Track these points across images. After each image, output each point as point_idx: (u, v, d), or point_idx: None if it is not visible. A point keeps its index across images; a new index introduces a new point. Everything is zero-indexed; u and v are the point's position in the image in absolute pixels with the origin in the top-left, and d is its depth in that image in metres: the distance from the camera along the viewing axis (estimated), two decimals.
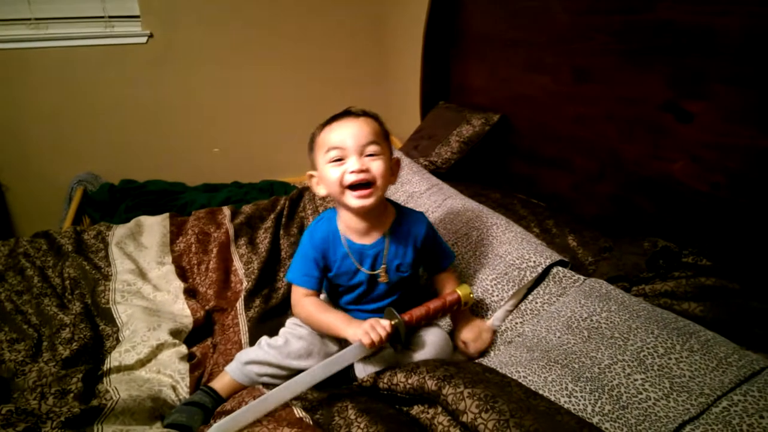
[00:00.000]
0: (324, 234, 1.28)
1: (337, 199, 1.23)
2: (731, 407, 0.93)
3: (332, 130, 1.22)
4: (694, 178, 1.49)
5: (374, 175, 1.18)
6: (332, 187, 1.20)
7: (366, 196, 1.18)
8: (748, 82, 1.33)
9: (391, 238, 1.29)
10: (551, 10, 1.96)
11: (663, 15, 1.52)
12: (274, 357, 1.25)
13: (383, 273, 1.28)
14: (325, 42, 3.41)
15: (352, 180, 1.17)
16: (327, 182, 1.21)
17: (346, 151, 1.18)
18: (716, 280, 1.32)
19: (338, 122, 1.23)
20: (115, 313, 1.52)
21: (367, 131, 1.20)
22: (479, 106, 2.44)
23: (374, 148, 1.20)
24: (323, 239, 1.28)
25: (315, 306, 1.26)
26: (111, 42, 2.94)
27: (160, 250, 1.85)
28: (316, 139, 1.26)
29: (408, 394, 1.13)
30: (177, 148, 3.26)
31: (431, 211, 1.78)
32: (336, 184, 1.19)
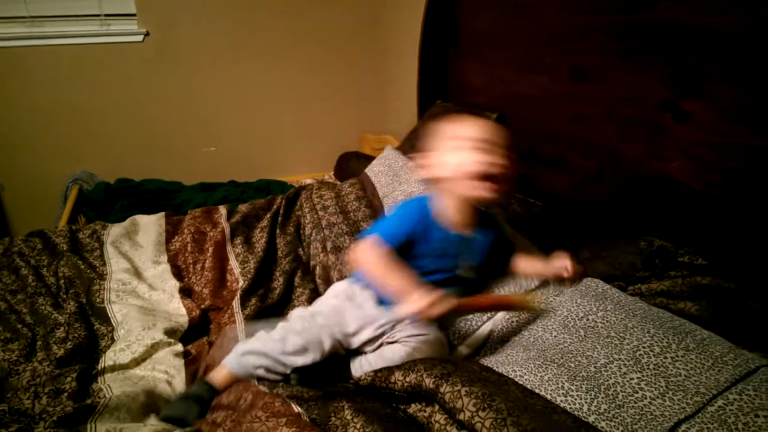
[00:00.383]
0: (425, 213, 1.30)
1: (449, 185, 1.26)
2: (727, 406, 0.93)
3: (469, 123, 1.26)
4: (691, 177, 1.49)
5: (501, 173, 1.22)
6: (450, 172, 1.24)
7: (490, 190, 1.22)
8: (745, 81, 1.33)
9: (477, 234, 1.34)
10: (549, 9, 1.96)
11: (662, 15, 1.51)
12: (271, 349, 1.24)
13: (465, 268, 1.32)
14: (321, 41, 3.40)
15: (478, 170, 1.21)
16: (445, 166, 1.24)
17: (479, 143, 1.22)
18: (712, 279, 1.32)
19: (475, 118, 1.29)
20: (110, 312, 1.52)
21: (501, 132, 1.26)
22: (477, 105, 2.44)
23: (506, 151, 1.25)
24: (424, 217, 1.29)
25: (393, 261, 1.21)
26: (107, 40, 2.92)
27: (156, 250, 1.84)
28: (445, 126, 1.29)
29: (405, 392, 1.13)
30: (173, 147, 3.25)
31: None
32: (456, 169, 1.22)
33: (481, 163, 1.20)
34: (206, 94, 3.24)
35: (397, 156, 2.26)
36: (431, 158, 1.28)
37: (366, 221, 1.92)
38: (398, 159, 2.23)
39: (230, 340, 1.41)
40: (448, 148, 1.25)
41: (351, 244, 1.80)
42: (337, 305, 1.34)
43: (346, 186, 2.18)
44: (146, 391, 1.20)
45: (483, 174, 1.21)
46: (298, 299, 1.66)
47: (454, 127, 1.27)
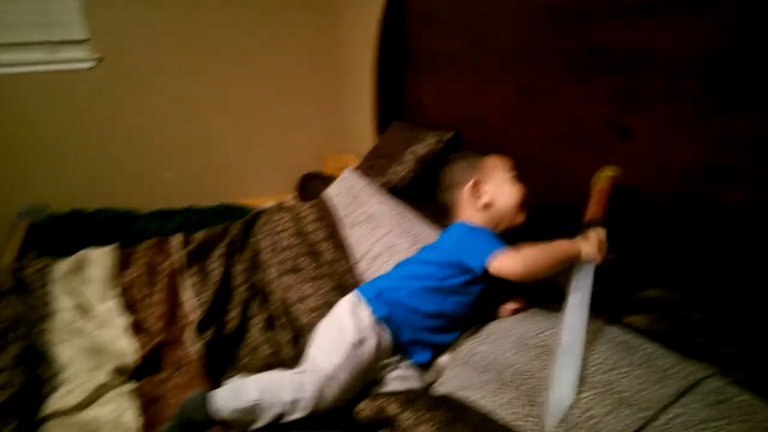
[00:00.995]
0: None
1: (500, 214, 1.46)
2: (672, 420, 0.94)
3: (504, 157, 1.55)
4: (637, 191, 1.51)
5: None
6: (514, 200, 1.47)
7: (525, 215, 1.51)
8: (680, 97, 1.37)
9: None
10: (499, 30, 1.99)
11: (600, 36, 1.56)
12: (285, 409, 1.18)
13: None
14: (279, 63, 3.40)
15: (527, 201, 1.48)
16: (510, 195, 1.47)
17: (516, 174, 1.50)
18: (659, 291, 1.34)
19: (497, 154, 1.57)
20: (55, 354, 1.46)
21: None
22: (433, 125, 2.46)
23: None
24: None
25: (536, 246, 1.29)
26: (57, 68, 2.87)
27: (106, 284, 1.79)
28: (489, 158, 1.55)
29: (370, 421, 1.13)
30: (129, 174, 3.19)
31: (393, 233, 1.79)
32: (519, 199, 1.47)
33: (526, 194, 1.48)
34: (162, 119, 3.21)
35: (357, 177, 2.26)
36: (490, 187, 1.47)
37: (324, 242, 1.91)
38: (358, 180, 2.23)
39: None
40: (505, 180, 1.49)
41: (309, 264, 1.78)
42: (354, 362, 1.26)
43: (304, 208, 2.16)
44: None
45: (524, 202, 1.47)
46: (254, 328, 1.63)
47: (502, 160, 1.53)
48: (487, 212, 1.46)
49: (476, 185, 1.47)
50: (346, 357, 1.23)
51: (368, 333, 1.28)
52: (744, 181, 1.26)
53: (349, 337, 1.26)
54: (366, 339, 1.27)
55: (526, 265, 1.25)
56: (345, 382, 1.21)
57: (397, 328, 1.32)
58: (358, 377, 1.24)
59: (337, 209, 2.11)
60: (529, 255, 1.26)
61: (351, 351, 1.24)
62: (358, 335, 1.27)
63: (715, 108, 1.29)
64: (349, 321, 1.30)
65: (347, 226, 1.99)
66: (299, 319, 1.60)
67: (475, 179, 1.47)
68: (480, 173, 1.49)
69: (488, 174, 1.49)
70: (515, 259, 1.26)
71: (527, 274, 1.26)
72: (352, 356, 1.24)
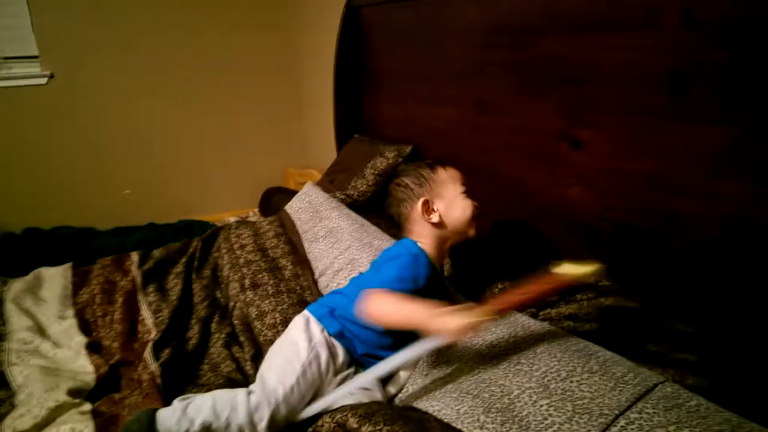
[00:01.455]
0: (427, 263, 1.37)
1: (453, 228, 1.43)
2: (628, 425, 0.96)
3: (455, 170, 1.48)
4: (589, 202, 1.55)
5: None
6: (466, 215, 1.43)
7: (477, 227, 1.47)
8: (630, 110, 1.41)
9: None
10: (448, 46, 2.04)
11: (549, 50, 1.60)
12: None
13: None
14: (237, 76, 3.40)
15: (478, 213, 1.44)
16: (462, 210, 1.43)
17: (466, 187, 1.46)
18: (615, 299, 1.37)
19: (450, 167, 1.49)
20: (10, 375, 1.42)
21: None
22: (392, 139, 2.48)
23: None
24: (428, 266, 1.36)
25: (400, 298, 1.21)
26: (8, 84, 2.81)
27: (61, 304, 1.76)
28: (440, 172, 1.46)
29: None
30: (86, 192, 3.13)
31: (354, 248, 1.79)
32: (470, 212, 1.43)
33: (477, 207, 1.44)
34: (119, 135, 3.16)
35: (317, 191, 2.26)
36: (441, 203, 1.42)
37: (285, 258, 1.90)
38: (318, 195, 2.23)
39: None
40: (456, 195, 1.44)
41: (269, 280, 1.77)
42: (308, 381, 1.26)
43: (264, 223, 2.15)
44: None
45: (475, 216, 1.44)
46: (214, 345, 1.62)
47: (453, 173, 1.47)
48: (437, 229, 1.42)
49: (426, 204, 1.41)
50: (298, 376, 1.23)
51: (321, 350, 1.28)
52: (696, 192, 1.30)
53: (303, 356, 1.26)
54: (319, 356, 1.27)
55: (372, 315, 1.24)
56: (298, 401, 1.22)
57: (350, 343, 1.33)
58: (310, 393, 1.25)
59: (298, 224, 2.11)
60: (383, 307, 1.23)
61: (304, 370, 1.24)
62: (311, 353, 1.27)
63: (665, 120, 1.34)
64: (301, 339, 1.29)
65: (308, 241, 1.99)
66: (259, 335, 1.59)
67: (426, 198, 1.41)
68: (430, 190, 1.43)
69: (438, 190, 1.43)
70: (372, 303, 1.23)
71: (372, 320, 1.26)
72: (305, 375, 1.24)
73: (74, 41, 2.91)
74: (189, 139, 3.36)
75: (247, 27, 3.33)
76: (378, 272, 1.35)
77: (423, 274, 1.32)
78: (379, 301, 1.23)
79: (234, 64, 3.36)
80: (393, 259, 1.35)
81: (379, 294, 1.24)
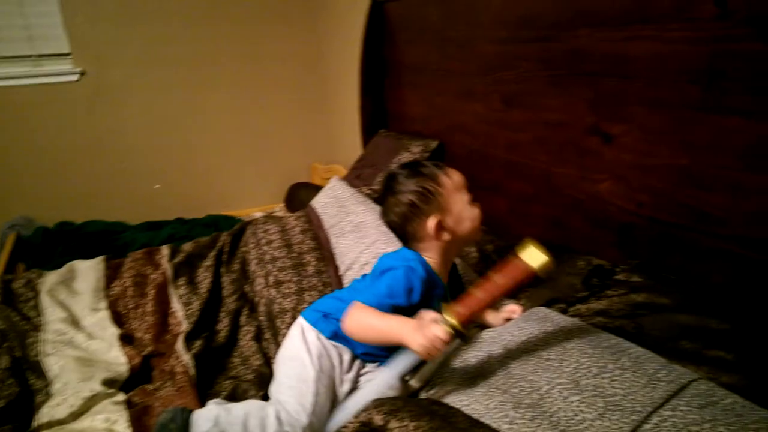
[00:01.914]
0: (426, 273, 1.28)
1: (469, 234, 1.34)
2: (662, 423, 0.94)
3: (457, 174, 1.35)
4: (620, 197, 1.54)
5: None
6: (475, 223, 1.33)
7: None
8: (660, 103, 1.39)
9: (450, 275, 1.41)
10: (476, 40, 2.03)
11: (579, 43, 1.58)
12: None
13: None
14: (264, 74, 3.42)
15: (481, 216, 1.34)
16: (471, 220, 1.33)
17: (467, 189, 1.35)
18: (646, 296, 1.36)
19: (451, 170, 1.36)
20: (46, 365, 1.46)
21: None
22: (418, 134, 2.48)
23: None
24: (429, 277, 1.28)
25: (372, 312, 1.20)
26: (40, 81, 2.87)
27: (95, 296, 1.79)
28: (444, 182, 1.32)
29: None
30: (116, 187, 3.18)
31: (380, 242, 1.79)
32: (479, 220, 1.34)
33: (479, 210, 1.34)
34: (148, 130, 3.20)
35: (343, 186, 2.26)
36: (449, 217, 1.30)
37: (310, 253, 1.91)
38: (344, 189, 2.23)
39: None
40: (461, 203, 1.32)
41: (292, 277, 1.78)
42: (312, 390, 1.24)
43: (291, 219, 2.16)
44: None
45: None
46: (244, 338, 1.64)
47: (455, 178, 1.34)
48: (447, 243, 1.33)
49: (439, 225, 1.30)
50: (314, 394, 1.22)
51: (324, 359, 1.27)
52: (727, 187, 1.28)
53: (311, 372, 1.25)
54: (324, 365, 1.27)
55: (349, 327, 1.22)
56: (320, 415, 1.22)
57: (347, 341, 1.31)
58: (330, 401, 1.25)
59: (324, 219, 2.12)
60: (359, 321, 1.22)
61: (317, 387, 1.23)
62: (316, 365, 1.26)
63: (697, 114, 1.31)
64: (303, 352, 1.28)
65: (334, 236, 1.99)
66: (278, 333, 1.60)
67: (436, 217, 1.29)
68: (439, 206, 1.30)
69: (446, 205, 1.31)
70: (349, 315, 1.22)
71: (346, 331, 1.24)
72: (318, 391, 1.23)
73: (105, 38, 2.96)
74: (216, 134, 3.40)
75: (273, 24, 3.35)
76: (372, 285, 1.30)
77: (418, 287, 1.24)
78: (356, 316, 1.21)
79: (260, 60, 3.38)
80: (387, 272, 1.28)
81: (357, 309, 1.22)
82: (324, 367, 1.26)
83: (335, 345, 1.30)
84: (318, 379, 1.24)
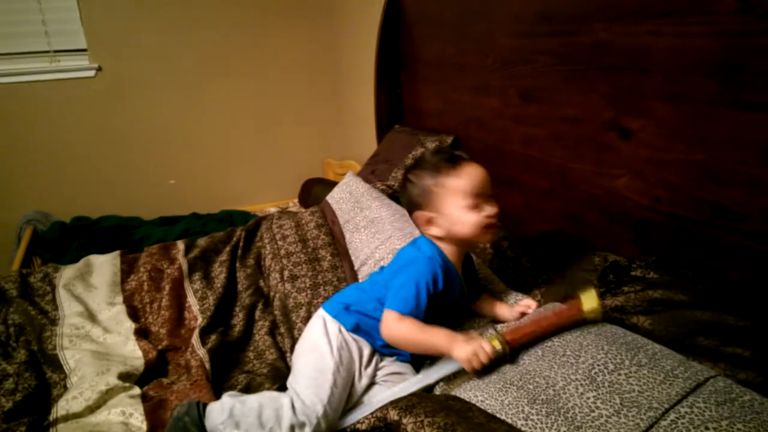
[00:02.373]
0: (442, 260, 1.32)
1: (467, 237, 1.31)
2: (678, 420, 0.94)
3: (467, 177, 1.30)
4: (637, 192, 1.52)
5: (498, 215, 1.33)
6: (469, 229, 1.29)
7: (494, 233, 1.34)
8: (679, 98, 1.37)
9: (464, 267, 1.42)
10: (493, 34, 2.01)
11: (599, 37, 1.56)
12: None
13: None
14: (278, 69, 3.42)
15: (493, 222, 1.30)
16: (464, 225, 1.29)
17: (483, 197, 1.30)
18: (663, 292, 1.34)
19: (466, 169, 1.31)
20: (63, 359, 1.48)
21: (488, 177, 1.33)
22: (433, 129, 2.47)
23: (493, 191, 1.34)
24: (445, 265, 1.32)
25: (416, 325, 1.22)
26: (57, 77, 2.90)
27: (111, 290, 1.81)
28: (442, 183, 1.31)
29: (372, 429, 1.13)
30: (131, 182, 3.21)
31: (395, 238, 1.79)
32: (476, 227, 1.29)
33: (490, 217, 1.30)
34: (163, 126, 3.22)
35: (358, 182, 2.27)
36: (440, 216, 1.31)
37: (325, 248, 1.91)
38: (359, 185, 2.23)
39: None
40: (456, 207, 1.29)
41: (307, 272, 1.79)
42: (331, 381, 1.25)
43: (306, 214, 2.17)
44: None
45: (488, 225, 1.30)
46: (258, 333, 1.64)
47: (453, 181, 1.30)
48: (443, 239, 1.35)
49: (429, 220, 1.33)
50: (332, 386, 1.23)
51: (344, 351, 1.28)
52: (744, 182, 1.26)
53: (330, 364, 1.25)
54: (344, 358, 1.27)
55: (391, 337, 1.24)
56: (337, 407, 1.23)
57: (368, 336, 1.32)
58: (346, 394, 1.26)
59: (339, 214, 2.12)
60: (402, 332, 1.23)
61: (335, 378, 1.24)
62: (336, 358, 1.26)
63: (716, 108, 1.30)
64: (323, 344, 1.29)
65: (349, 231, 2.00)
66: (293, 328, 1.61)
67: (425, 214, 1.33)
68: (430, 204, 1.32)
69: (439, 204, 1.31)
70: (391, 325, 1.23)
71: (389, 342, 1.26)
72: (336, 382, 1.24)
73: (122, 34, 2.98)
74: (230, 130, 3.41)
75: (288, 18, 3.35)
76: (395, 279, 1.30)
77: (441, 276, 1.29)
78: (397, 329, 1.23)
79: (275, 55, 3.39)
80: (409, 266, 1.30)
81: (395, 321, 1.23)
82: (344, 360, 1.27)
83: (356, 338, 1.31)
84: (336, 371, 1.24)
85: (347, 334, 1.30)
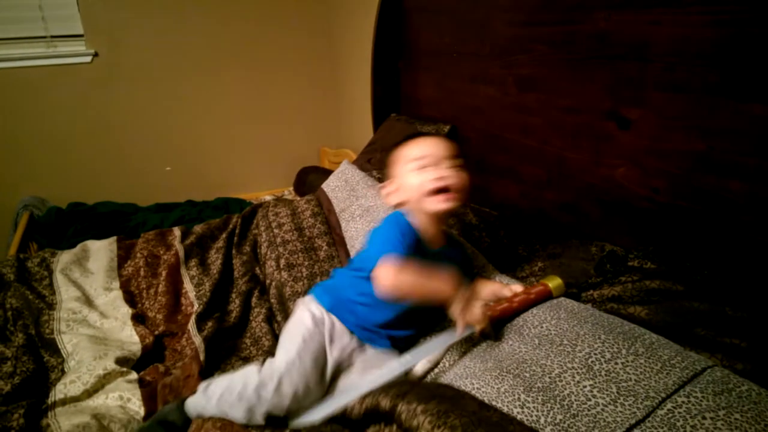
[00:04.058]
0: (409, 229, 1.31)
1: (415, 205, 1.32)
2: (675, 409, 0.94)
3: (416, 143, 1.35)
4: (636, 183, 1.52)
5: (452, 183, 1.29)
6: (412, 193, 1.31)
7: (446, 200, 1.29)
8: (679, 88, 1.37)
9: (447, 250, 1.40)
10: (493, 22, 2.00)
11: (599, 26, 1.56)
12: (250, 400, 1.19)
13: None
14: (275, 57, 3.40)
15: (433, 186, 1.28)
16: (411, 188, 1.31)
17: (428, 160, 1.30)
18: (660, 282, 1.34)
19: (422, 138, 1.37)
20: (60, 343, 1.48)
21: (446, 146, 1.34)
22: (430, 118, 2.46)
23: (453, 162, 1.32)
24: (411, 232, 1.31)
25: (419, 271, 1.19)
26: (54, 62, 2.87)
27: (107, 276, 1.80)
28: (398, 152, 1.37)
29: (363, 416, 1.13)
30: (127, 168, 3.19)
31: None
32: (420, 189, 1.29)
33: (433, 179, 1.28)
34: (159, 113, 3.21)
35: (354, 170, 2.26)
36: (393, 185, 1.36)
37: (321, 238, 1.91)
38: (354, 173, 2.22)
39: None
40: (404, 173, 1.33)
41: (303, 261, 1.79)
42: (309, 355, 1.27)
43: (302, 202, 2.16)
44: (99, 419, 1.17)
45: (437, 188, 1.28)
46: (255, 320, 1.64)
47: (404, 150, 1.35)
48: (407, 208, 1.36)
49: (384, 188, 1.39)
50: (299, 348, 1.25)
51: (320, 325, 1.31)
52: (744, 173, 1.26)
53: (303, 331, 1.29)
54: (316, 326, 1.30)
55: (394, 286, 1.18)
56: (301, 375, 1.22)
57: (343, 316, 1.34)
58: (315, 371, 1.26)
59: (335, 203, 2.11)
60: (404, 277, 1.18)
61: (304, 341, 1.27)
62: (312, 326, 1.30)
63: (716, 98, 1.29)
64: (305, 316, 1.33)
65: (344, 220, 1.99)
66: None
67: (387, 186, 1.38)
68: (391, 174, 1.38)
69: (395, 173, 1.37)
70: (390, 273, 1.18)
71: (391, 293, 1.19)
72: (306, 346, 1.26)
73: (118, 20, 2.96)
74: (226, 118, 3.40)
75: (284, 6, 3.33)
76: (371, 246, 1.31)
77: (408, 235, 1.28)
78: (394, 271, 1.17)
79: (271, 43, 3.37)
80: (377, 230, 1.33)
81: (389, 265, 1.18)
82: (318, 333, 1.30)
83: (333, 318, 1.34)
84: (308, 338, 1.27)
85: (326, 312, 1.34)
